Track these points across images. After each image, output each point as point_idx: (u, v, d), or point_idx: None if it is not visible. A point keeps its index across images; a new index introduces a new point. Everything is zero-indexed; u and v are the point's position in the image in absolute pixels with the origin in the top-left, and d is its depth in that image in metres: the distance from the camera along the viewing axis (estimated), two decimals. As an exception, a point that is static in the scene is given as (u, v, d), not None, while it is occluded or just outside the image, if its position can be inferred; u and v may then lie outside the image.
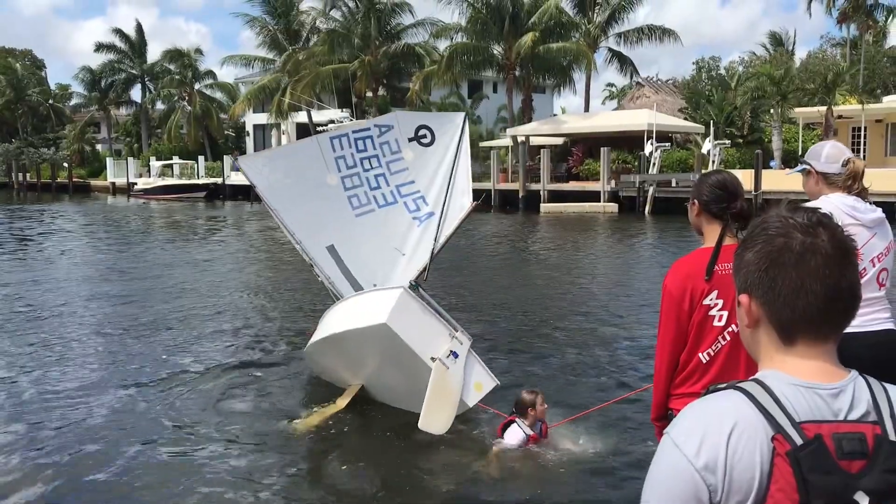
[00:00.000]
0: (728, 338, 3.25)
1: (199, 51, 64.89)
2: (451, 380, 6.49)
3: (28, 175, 67.89)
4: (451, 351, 6.58)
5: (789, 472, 1.30)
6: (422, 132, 8.81)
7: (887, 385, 1.43)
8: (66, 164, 66.86)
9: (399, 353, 6.67)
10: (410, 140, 8.76)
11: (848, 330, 1.46)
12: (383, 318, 6.47)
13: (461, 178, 8.84)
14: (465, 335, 6.82)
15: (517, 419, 6.43)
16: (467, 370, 6.63)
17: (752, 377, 1.45)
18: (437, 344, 6.59)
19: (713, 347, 3.27)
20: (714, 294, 3.23)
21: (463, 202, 8.78)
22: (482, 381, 6.73)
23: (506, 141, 44.99)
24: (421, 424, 6.27)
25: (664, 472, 1.39)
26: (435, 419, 6.33)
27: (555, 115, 55.32)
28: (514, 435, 6.37)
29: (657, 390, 3.45)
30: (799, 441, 1.32)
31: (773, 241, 1.42)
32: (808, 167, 4.13)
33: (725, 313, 3.24)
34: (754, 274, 1.44)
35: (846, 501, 1.29)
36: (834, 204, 3.89)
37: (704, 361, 3.29)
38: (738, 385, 1.42)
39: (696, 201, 3.45)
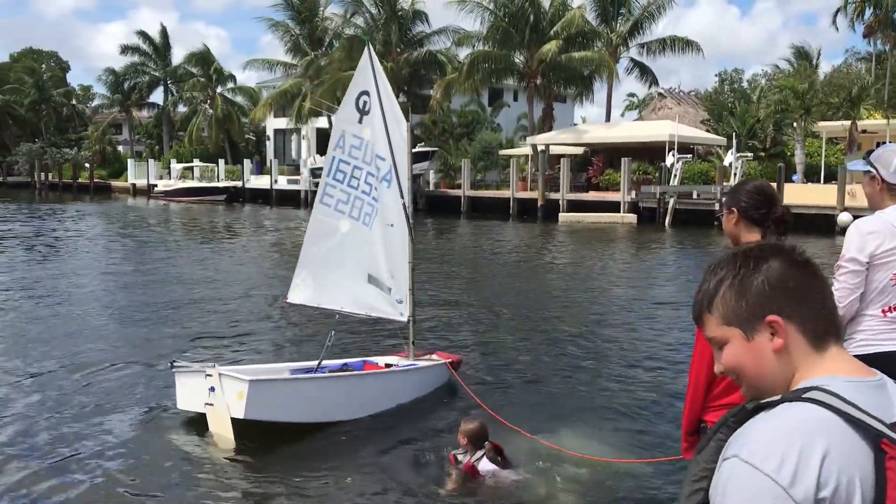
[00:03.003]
0: None
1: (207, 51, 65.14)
2: (219, 411, 6.94)
3: (50, 175, 68.54)
4: (210, 387, 7.00)
5: None
6: (361, 101, 8.13)
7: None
8: (87, 165, 67.46)
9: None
10: (360, 121, 8.16)
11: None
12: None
13: (388, 104, 8.09)
14: (210, 367, 7.12)
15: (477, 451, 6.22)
16: (226, 392, 6.92)
17: (808, 385, 1.34)
18: (199, 394, 7.08)
19: None
20: None
21: (402, 132, 8.18)
22: (239, 390, 6.87)
23: (525, 149, 44.87)
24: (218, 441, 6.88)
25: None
26: (221, 439, 6.88)
27: (575, 124, 55.17)
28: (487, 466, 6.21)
29: (693, 403, 3.34)
30: None
31: (767, 262, 1.42)
32: (873, 172, 3.86)
33: None
34: (780, 294, 1.39)
35: None
36: (887, 220, 3.75)
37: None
38: (805, 396, 1.31)
39: (733, 209, 3.37)
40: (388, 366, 8.23)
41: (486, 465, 6.14)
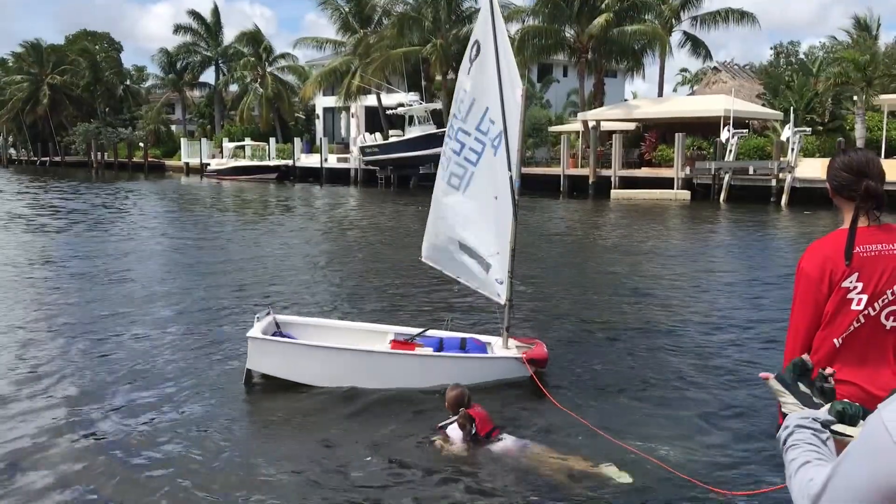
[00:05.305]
0: (862, 320, 3.16)
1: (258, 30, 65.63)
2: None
3: (106, 154, 70.02)
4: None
5: None
6: (473, 52, 7.67)
7: None
8: (141, 144, 68.77)
9: None
10: (468, 72, 7.72)
11: None
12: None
13: (505, 61, 7.36)
14: (265, 314, 8.15)
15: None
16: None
17: None
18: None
19: (847, 331, 3.18)
20: (854, 277, 3.14)
21: (517, 96, 7.38)
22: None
23: (576, 126, 44.45)
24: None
25: (866, 452, 1.29)
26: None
27: (626, 100, 54.42)
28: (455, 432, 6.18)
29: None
30: None
31: None
32: None
33: (865, 297, 3.14)
34: None
35: None
36: None
37: (837, 346, 3.20)
38: None
39: (828, 184, 3.38)
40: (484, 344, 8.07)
41: (452, 432, 6.16)
